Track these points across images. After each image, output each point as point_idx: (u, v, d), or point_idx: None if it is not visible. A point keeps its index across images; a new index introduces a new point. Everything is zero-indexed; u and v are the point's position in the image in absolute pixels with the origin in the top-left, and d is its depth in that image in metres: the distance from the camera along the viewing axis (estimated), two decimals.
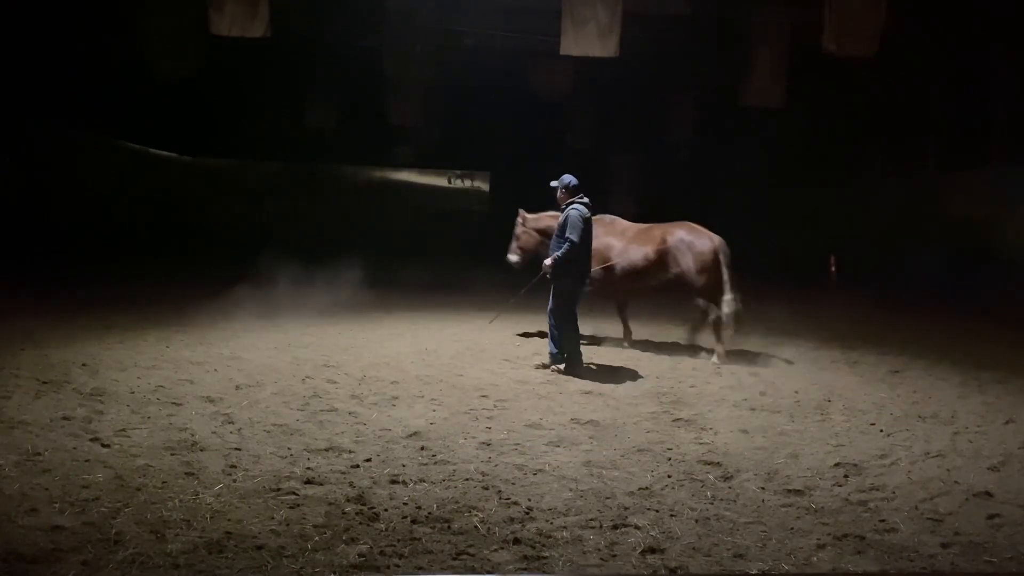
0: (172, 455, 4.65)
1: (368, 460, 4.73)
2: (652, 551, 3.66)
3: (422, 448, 5.00)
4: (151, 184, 18.61)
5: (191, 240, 18.30)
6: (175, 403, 5.76)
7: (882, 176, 17.13)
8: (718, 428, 5.76)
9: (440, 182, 23.13)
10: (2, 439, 4.75)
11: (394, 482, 4.38)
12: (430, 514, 3.95)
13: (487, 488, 4.35)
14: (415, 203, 22.44)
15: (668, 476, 4.69)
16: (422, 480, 4.43)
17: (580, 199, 7.48)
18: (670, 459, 5.01)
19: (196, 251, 17.23)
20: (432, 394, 6.41)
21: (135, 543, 3.49)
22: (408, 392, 6.45)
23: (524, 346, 8.71)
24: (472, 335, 9.21)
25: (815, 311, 12.05)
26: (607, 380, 7.16)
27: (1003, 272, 12.41)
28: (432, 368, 7.41)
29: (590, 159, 17.52)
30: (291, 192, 21.63)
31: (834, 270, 17.08)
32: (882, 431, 5.81)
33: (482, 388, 6.67)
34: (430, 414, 5.82)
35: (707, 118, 17.37)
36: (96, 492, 4.03)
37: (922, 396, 6.95)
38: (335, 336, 8.91)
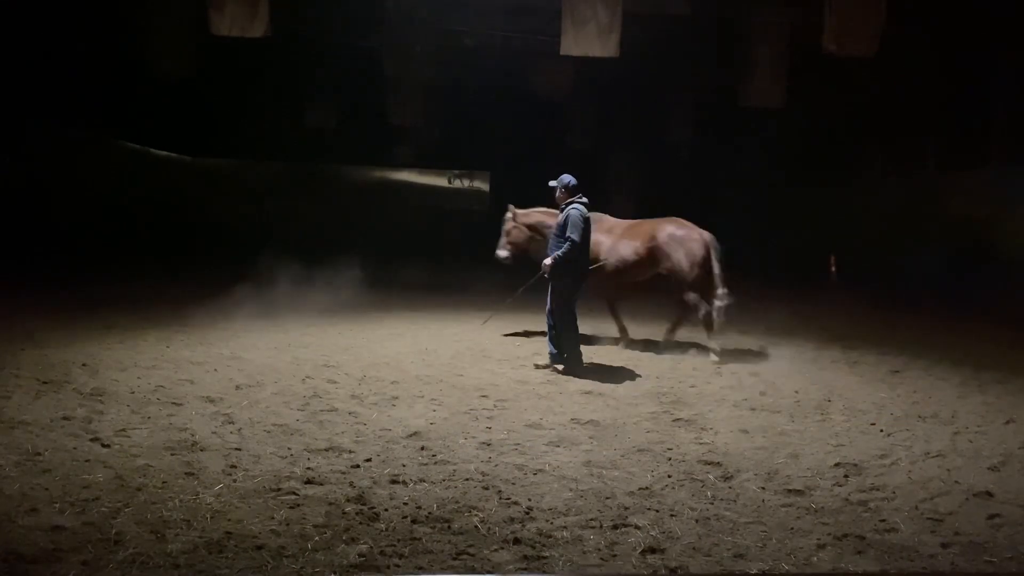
0: (172, 455, 4.66)
1: (368, 460, 4.73)
2: (652, 551, 3.66)
3: (422, 448, 5.01)
4: (151, 184, 18.60)
5: (191, 240, 18.29)
6: (175, 403, 5.77)
7: (882, 176, 17.12)
8: (718, 428, 5.77)
9: (440, 182, 23.12)
10: (2, 439, 4.75)
11: (394, 482, 4.39)
12: (430, 514, 3.95)
13: (487, 488, 4.35)
14: (415, 203, 22.44)
15: (668, 476, 4.69)
16: (422, 480, 4.43)
17: (579, 199, 7.48)
18: (670, 459, 5.01)
19: (196, 251, 17.23)
20: (432, 394, 6.41)
21: (135, 543, 3.50)
22: (408, 392, 6.45)
23: (524, 346, 8.71)
24: (472, 335, 9.21)
25: (815, 311, 12.04)
26: (607, 380, 7.16)
27: (1003, 272, 12.40)
28: (432, 368, 7.42)
29: (590, 159, 17.52)
30: (291, 192, 21.61)
31: (834, 270, 17.08)
32: (882, 431, 5.81)
33: (482, 388, 6.67)
34: (430, 414, 5.82)
35: (707, 118, 17.35)
36: (96, 492, 4.03)
37: (922, 396, 6.95)
38: (335, 336, 8.92)
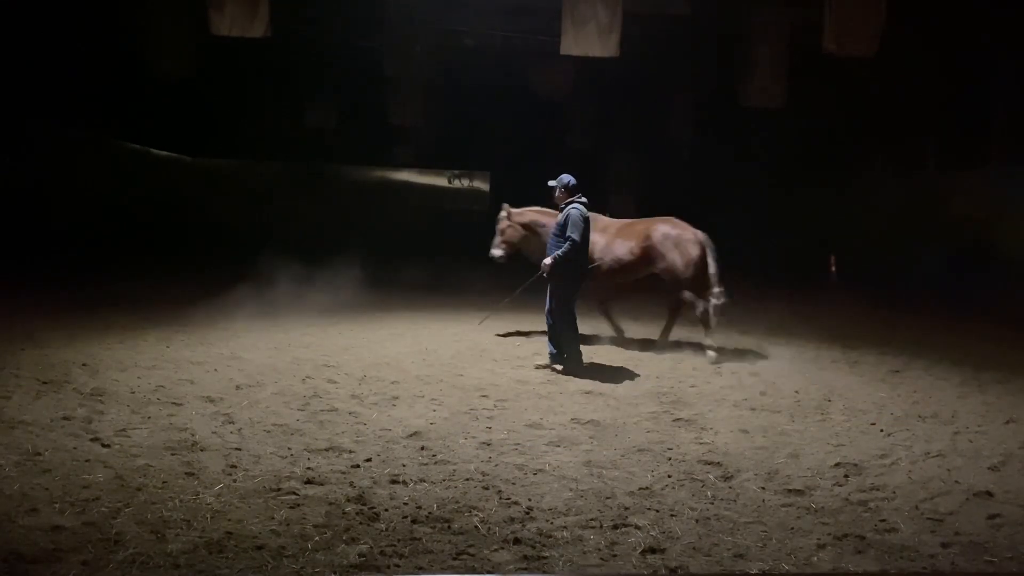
0: (172, 455, 4.66)
1: (368, 460, 4.73)
2: (652, 551, 3.66)
3: (422, 448, 5.01)
4: (151, 184, 18.61)
5: (191, 240, 18.30)
6: (175, 403, 5.76)
7: (882, 176, 17.13)
8: (718, 428, 5.76)
9: (440, 182, 23.13)
10: (2, 439, 4.75)
11: (394, 482, 4.39)
12: (430, 514, 3.95)
13: (487, 488, 4.35)
14: (415, 203, 22.44)
15: (668, 476, 4.69)
16: (422, 480, 4.43)
17: (579, 199, 7.48)
18: (670, 459, 5.01)
19: (196, 251, 17.23)
20: (432, 394, 6.41)
21: (135, 543, 3.50)
22: (408, 392, 6.45)
23: (524, 346, 8.71)
24: (472, 335, 9.20)
25: (815, 311, 12.04)
26: (607, 380, 7.16)
27: (1003, 272, 12.41)
28: (432, 368, 7.41)
29: (590, 159, 17.52)
30: (291, 192, 21.61)
31: (834, 270, 17.09)
32: (882, 431, 5.81)
33: (482, 388, 6.67)
34: (430, 414, 5.82)
35: (707, 118, 17.36)
36: (96, 492, 4.04)
37: (922, 396, 6.95)
38: (335, 336, 8.91)
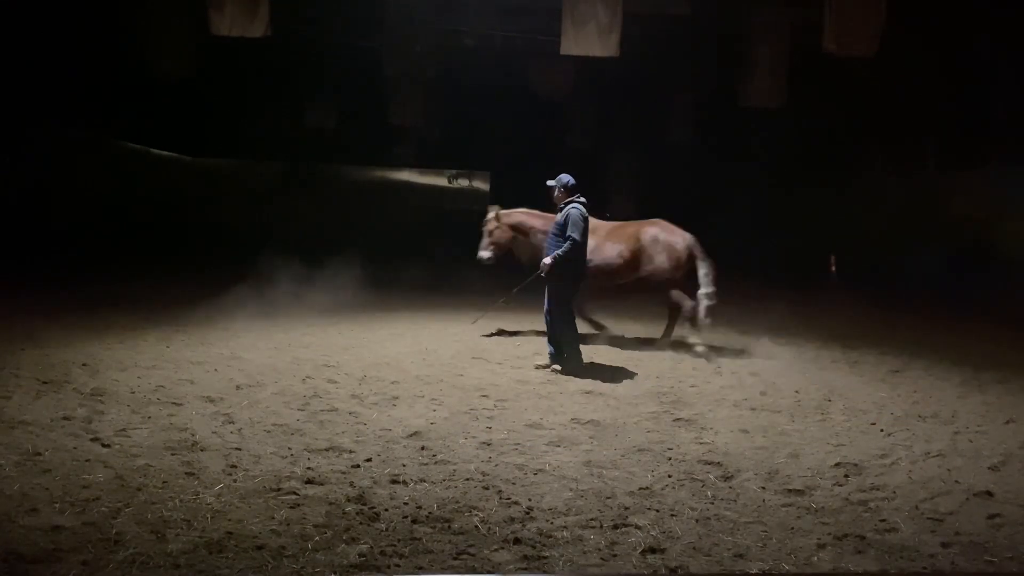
0: (172, 455, 4.66)
1: (368, 460, 4.73)
2: (652, 551, 3.66)
3: (422, 448, 5.01)
4: (151, 184, 18.61)
5: (191, 240, 18.30)
6: (175, 403, 5.76)
7: (882, 176, 17.13)
8: (718, 428, 5.77)
9: (440, 182, 23.12)
10: (2, 439, 4.75)
11: (394, 482, 4.39)
12: (430, 514, 3.95)
13: (487, 488, 4.35)
14: (415, 203, 22.43)
15: (668, 476, 4.69)
16: (422, 480, 4.43)
17: (578, 198, 7.48)
18: (670, 459, 5.01)
19: (196, 251, 17.23)
20: (432, 394, 6.41)
21: (135, 543, 3.50)
22: (408, 392, 6.45)
23: (524, 346, 8.71)
24: (472, 335, 9.20)
25: (815, 311, 12.04)
26: (607, 380, 7.16)
27: (1003, 272, 12.41)
28: (432, 368, 7.41)
29: (590, 159, 17.51)
30: (291, 192, 21.61)
31: (834, 270, 17.09)
32: (882, 431, 5.82)
33: (482, 388, 6.67)
34: (430, 414, 5.82)
35: (707, 118, 17.36)
36: (96, 492, 4.03)
37: (922, 396, 6.96)
38: (335, 336, 8.91)
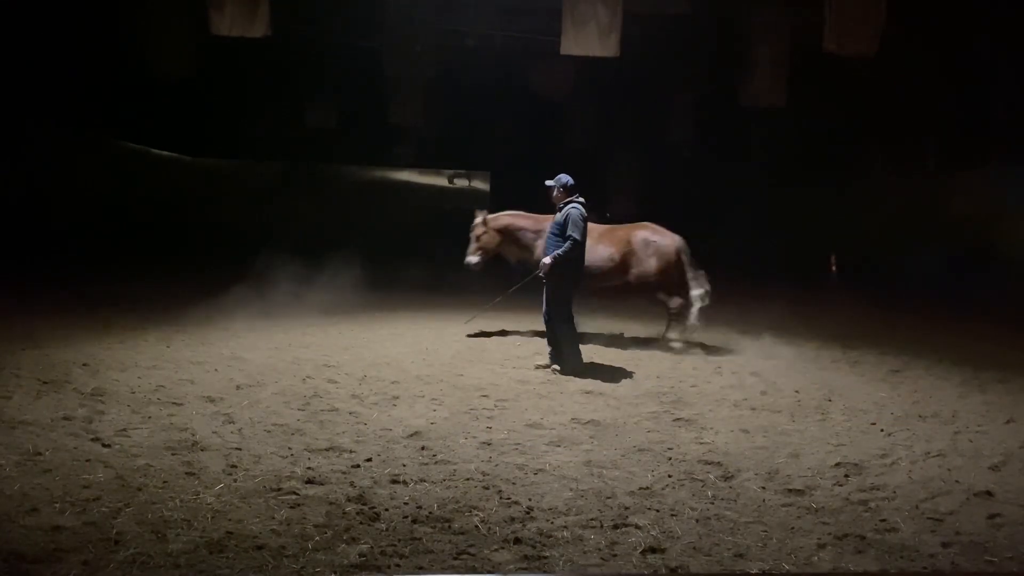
0: (173, 455, 4.66)
1: (369, 460, 4.73)
2: (653, 551, 3.66)
3: (423, 448, 5.01)
4: (151, 184, 18.60)
5: (191, 240, 18.29)
6: (176, 403, 5.77)
7: (882, 176, 17.13)
8: (719, 428, 5.77)
9: (440, 182, 23.13)
10: (3, 439, 4.75)
11: (395, 482, 4.39)
12: (431, 514, 3.95)
13: (488, 488, 4.35)
14: (415, 203, 22.43)
15: (669, 476, 4.69)
16: (423, 480, 4.43)
17: (577, 198, 7.48)
18: (671, 459, 5.01)
19: (196, 251, 17.23)
20: (433, 394, 6.41)
21: (136, 543, 3.50)
22: (409, 392, 6.45)
23: (524, 346, 8.71)
24: (472, 335, 9.20)
25: (815, 311, 12.04)
26: (607, 380, 7.16)
27: (1003, 272, 12.41)
28: (432, 368, 7.41)
29: (590, 159, 17.51)
30: (291, 192, 21.61)
31: (834, 270, 17.08)
32: (883, 431, 5.81)
33: (482, 388, 6.67)
34: (431, 414, 5.82)
35: (707, 118, 17.36)
36: (97, 492, 4.04)
37: (923, 396, 6.95)
38: (336, 336, 8.92)
